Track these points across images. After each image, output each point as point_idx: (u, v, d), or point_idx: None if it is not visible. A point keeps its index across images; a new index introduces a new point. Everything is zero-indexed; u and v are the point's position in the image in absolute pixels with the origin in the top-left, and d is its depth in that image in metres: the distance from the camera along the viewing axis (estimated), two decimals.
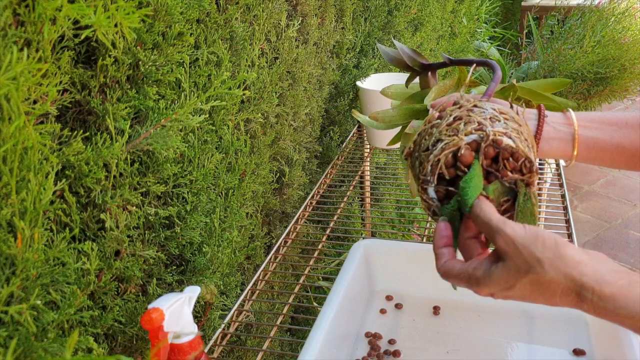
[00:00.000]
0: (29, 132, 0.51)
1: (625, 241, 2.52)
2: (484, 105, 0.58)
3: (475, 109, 0.57)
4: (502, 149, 0.53)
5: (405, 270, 0.95)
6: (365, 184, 1.62)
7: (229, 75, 0.82)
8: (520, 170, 0.54)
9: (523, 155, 0.53)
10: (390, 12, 1.81)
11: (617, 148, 0.62)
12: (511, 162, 0.54)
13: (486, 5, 3.37)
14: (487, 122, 0.55)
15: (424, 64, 0.77)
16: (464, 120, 0.55)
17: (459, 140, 0.53)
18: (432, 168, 0.54)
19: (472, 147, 0.54)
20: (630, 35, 2.55)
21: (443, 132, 0.55)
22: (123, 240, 0.71)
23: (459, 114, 0.56)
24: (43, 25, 0.53)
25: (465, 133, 0.54)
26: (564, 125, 0.63)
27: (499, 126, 0.54)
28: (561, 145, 0.63)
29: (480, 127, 0.54)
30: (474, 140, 0.54)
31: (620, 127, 0.62)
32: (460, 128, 0.54)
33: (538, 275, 0.48)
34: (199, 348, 0.65)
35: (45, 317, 0.56)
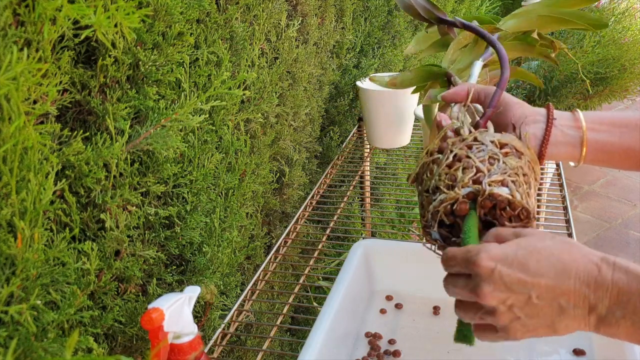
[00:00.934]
0: (29, 132, 0.51)
1: (625, 241, 2.52)
2: (484, 139, 0.58)
3: (475, 145, 0.58)
4: (498, 202, 0.54)
5: (405, 270, 0.95)
6: (365, 184, 1.62)
7: (229, 75, 0.82)
8: (517, 217, 0.55)
9: (519, 206, 0.54)
10: (390, 12, 1.81)
11: (625, 150, 0.61)
12: (508, 211, 0.55)
13: (486, 5, 3.37)
14: (485, 166, 0.56)
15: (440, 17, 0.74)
16: (463, 165, 0.57)
17: (456, 195, 0.55)
18: (433, 216, 0.57)
19: (469, 198, 0.55)
20: (630, 35, 2.55)
21: (442, 176, 0.57)
22: (123, 240, 0.71)
23: (458, 153, 0.57)
24: (43, 25, 0.53)
25: (462, 185, 0.55)
26: (572, 129, 0.62)
27: (496, 172, 0.55)
28: (569, 149, 0.62)
29: (477, 178, 0.55)
30: (471, 192, 0.55)
31: (630, 129, 0.61)
32: (459, 176, 0.56)
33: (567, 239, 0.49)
34: (199, 348, 0.65)
35: (45, 317, 0.56)
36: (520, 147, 0.59)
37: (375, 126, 1.50)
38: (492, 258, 0.48)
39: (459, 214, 0.55)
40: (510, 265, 0.48)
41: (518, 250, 0.49)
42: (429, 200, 0.58)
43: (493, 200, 0.54)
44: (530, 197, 0.56)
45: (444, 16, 0.75)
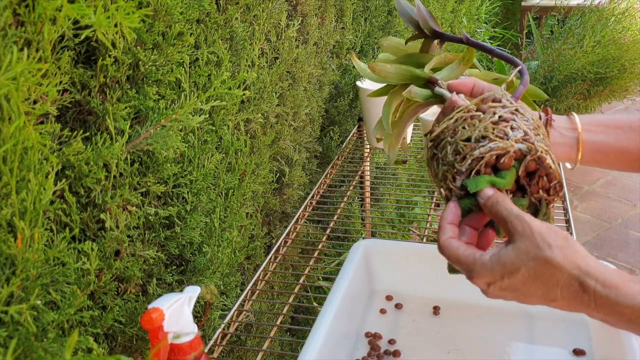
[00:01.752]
0: (29, 132, 0.51)
1: (625, 241, 2.52)
2: (526, 113, 0.57)
3: (518, 114, 0.57)
4: (543, 167, 0.54)
5: (405, 270, 0.95)
6: (365, 184, 1.62)
7: (229, 75, 0.82)
8: (547, 190, 0.55)
9: (557, 178, 0.54)
10: (390, 12, 1.81)
11: (620, 151, 0.63)
12: (544, 181, 0.55)
13: (486, 5, 3.38)
14: (532, 134, 0.55)
15: (436, 30, 0.74)
16: (511, 125, 0.55)
17: (510, 146, 0.54)
18: (472, 163, 0.55)
19: (517, 155, 0.54)
20: (630, 35, 2.55)
21: (489, 129, 0.55)
22: (123, 240, 0.71)
23: (504, 115, 0.56)
24: (43, 25, 0.53)
25: (515, 140, 0.54)
26: (569, 130, 0.64)
27: (541, 142, 0.55)
28: (566, 150, 0.64)
29: (528, 139, 0.54)
30: (520, 150, 0.54)
31: (625, 131, 0.63)
32: (509, 132, 0.55)
33: (546, 259, 0.49)
34: (199, 348, 0.65)
35: (45, 317, 0.56)
36: (545, 134, 0.58)
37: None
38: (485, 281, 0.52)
39: (502, 167, 0.54)
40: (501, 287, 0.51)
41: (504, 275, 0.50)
42: (471, 146, 0.55)
43: (539, 163, 0.54)
44: None
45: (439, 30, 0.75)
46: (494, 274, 0.51)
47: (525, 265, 0.49)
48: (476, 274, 0.52)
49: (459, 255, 0.53)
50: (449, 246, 0.54)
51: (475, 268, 0.51)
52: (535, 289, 0.50)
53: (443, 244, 0.54)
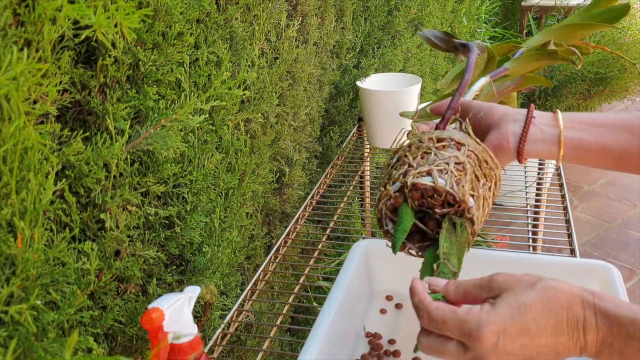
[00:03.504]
0: (29, 132, 0.51)
1: (625, 241, 2.52)
2: (424, 137, 0.63)
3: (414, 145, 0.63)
4: (422, 190, 0.59)
5: (405, 270, 0.94)
6: (365, 184, 1.62)
7: (229, 75, 0.82)
8: (448, 203, 0.59)
9: (443, 191, 0.58)
10: (390, 12, 1.81)
11: (602, 149, 0.62)
12: (437, 198, 0.59)
13: (486, 5, 3.38)
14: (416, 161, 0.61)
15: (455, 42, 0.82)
16: (399, 163, 0.63)
17: (387, 191, 0.61)
18: (380, 212, 0.63)
19: (401, 191, 0.60)
20: (630, 35, 2.55)
21: (385, 176, 0.64)
22: (123, 240, 0.71)
23: (399, 154, 0.64)
24: (43, 25, 0.53)
25: (393, 181, 0.61)
26: (551, 127, 0.64)
27: (424, 164, 0.60)
28: (547, 147, 0.64)
29: (406, 171, 0.60)
30: (400, 186, 0.60)
31: (608, 129, 0.62)
32: (393, 174, 0.62)
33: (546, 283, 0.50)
34: (199, 348, 0.65)
35: (45, 317, 0.56)
36: (461, 139, 0.63)
37: (375, 126, 1.50)
38: (494, 332, 0.50)
39: (395, 206, 0.61)
40: (511, 334, 0.50)
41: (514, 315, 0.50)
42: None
43: (417, 189, 0.59)
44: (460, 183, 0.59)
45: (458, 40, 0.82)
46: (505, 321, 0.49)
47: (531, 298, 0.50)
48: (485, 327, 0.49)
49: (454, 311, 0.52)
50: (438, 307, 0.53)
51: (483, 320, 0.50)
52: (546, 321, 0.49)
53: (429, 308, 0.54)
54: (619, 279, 0.83)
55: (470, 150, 0.61)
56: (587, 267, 0.86)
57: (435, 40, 0.83)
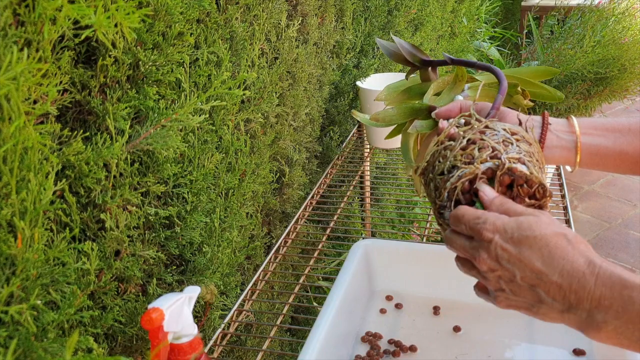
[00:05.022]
0: (29, 132, 0.51)
1: (625, 241, 2.52)
2: (496, 126, 0.58)
3: (487, 130, 0.58)
4: (516, 177, 0.55)
5: (405, 270, 0.95)
6: (365, 184, 1.62)
7: (229, 75, 0.82)
8: (534, 195, 0.56)
9: (537, 182, 0.55)
10: (390, 12, 1.81)
11: (619, 154, 0.63)
12: (525, 189, 0.55)
13: (486, 5, 3.37)
14: (501, 146, 0.56)
15: (424, 59, 0.77)
16: (478, 145, 0.56)
17: (475, 169, 0.55)
18: (449, 194, 0.56)
19: (487, 175, 0.55)
20: (630, 35, 2.55)
21: (458, 157, 0.56)
22: (123, 240, 0.71)
23: (472, 137, 0.57)
24: (43, 25, 0.52)
25: (480, 161, 0.55)
26: (567, 133, 0.64)
27: (512, 151, 0.55)
28: (564, 153, 0.64)
29: (495, 154, 0.55)
30: (489, 168, 0.55)
31: (624, 134, 0.63)
32: (475, 154, 0.55)
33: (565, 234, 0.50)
34: (199, 348, 0.65)
35: (45, 317, 0.56)
36: (529, 138, 0.59)
37: (375, 126, 1.50)
38: (494, 230, 0.51)
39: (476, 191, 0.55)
40: (506, 240, 0.51)
41: (517, 229, 0.51)
42: (444, 179, 0.57)
43: (512, 175, 0.54)
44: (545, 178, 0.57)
45: (427, 58, 0.78)
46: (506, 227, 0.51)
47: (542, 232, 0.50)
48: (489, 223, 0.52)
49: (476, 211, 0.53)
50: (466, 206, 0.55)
51: (491, 218, 0.52)
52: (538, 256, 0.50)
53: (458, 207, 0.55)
54: None
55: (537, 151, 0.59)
56: None
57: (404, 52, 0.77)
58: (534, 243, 0.50)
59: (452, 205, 0.56)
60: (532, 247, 0.50)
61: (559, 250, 0.50)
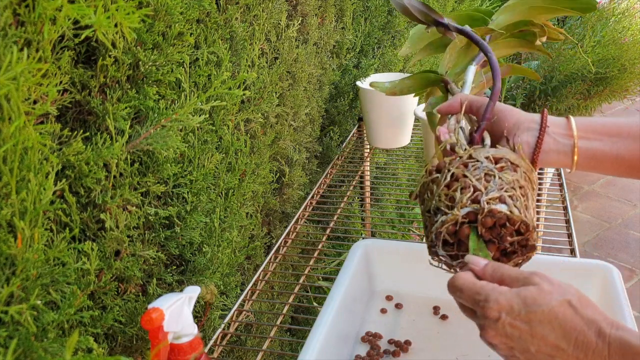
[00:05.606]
0: (29, 132, 0.51)
1: (625, 241, 2.52)
2: (479, 155, 0.60)
3: (470, 162, 0.60)
4: (497, 218, 0.56)
5: (405, 270, 0.95)
6: (365, 184, 1.62)
7: (229, 75, 0.82)
8: (518, 231, 0.57)
9: (518, 220, 0.56)
10: (390, 12, 1.81)
11: (616, 158, 0.63)
12: (508, 227, 0.57)
13: (486, 5, 3.37)
14: (482, 184, 0.57)
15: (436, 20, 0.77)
16: (460, 184, 0.58)
17: (456, 216, 0.57)
18: (436, 237, 0.59)
19: (470, 218, 0.57)
20: (630, 35, 2.55)
21: (442, 197, 0.59)
22: (123, 240, 0.71)
23: (455, 172, 0.59)
24: (43, 25, 0.52)
25: (461, 205, 0.57)
26: (564, 137, 0.64)
27: (493, 189, 0.57)
28: (561, 157, 0.64)
29: (476, 197, 0.57)
30: (471, 212, 0.57)
31: (622, 137, 0.62)
32: (457, 197, 0.58)
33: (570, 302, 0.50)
34: (199, 348, 0.65)
35: (45, 317, 0.56)
36: (515, 160, 0.61)
37: (375, 126, 1.50)
38: (499, 309, 0.51)
39: (461, 237, 0.58)
40: (515, 319, 0.50)
41: (524, 305, 0.50)
42: (431, 221, 0.60)
43: (493, 217, 0.56)
44: (528, 209, 0.58)
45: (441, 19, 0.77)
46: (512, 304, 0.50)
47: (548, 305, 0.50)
48: (492, 301, 0.51)
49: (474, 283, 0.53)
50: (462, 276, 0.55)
51: (493, 295, 0.51)
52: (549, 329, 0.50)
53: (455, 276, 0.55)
54: (619, 279, 0.83)
55: (524, 172, 0.60)
56: (587, 267, 0.86)
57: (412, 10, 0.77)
58: (543, 318, 0.50)
59: (440, 245, 0.59)
60: (543, 322, 0.50)
61: (568, 322, 0.50)
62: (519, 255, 0.60)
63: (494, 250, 0.59)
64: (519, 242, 0.58)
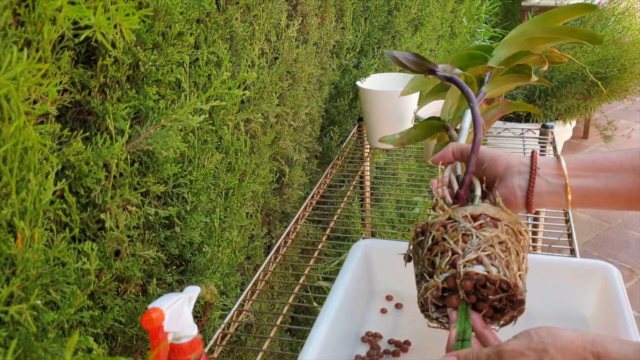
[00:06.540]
0: (29, 132, 0.51)
1: (625, 241, 2.52)
2: (457, 215, 0.62)
3: (449, 224, 0.62)
4: (476, 280, 0.58)
5: (405, 270, 0.94)
6: (365, 184, 1.62)
7: (229, 75, 0.82)
8: (501, 289, 0.59)
9: (497, 279, 0.58)
10: (390, 12, 1.81)
11: (611, 194, 0.62)
12: (489, 287, 0.58)
13: (486, 5, 3.38)
14: (460, 246, 0.59)
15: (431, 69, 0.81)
16: (440, 248, 0.60)
17: (436, 283, 0.59)
18: (425, 302, 0.62)
19: (449, 284, 0.59)
20: (630, 35, 2.55)
21: (425, 262, 0.62)
22: (123, 240, 0.71)
23: (435, 235, 0.62)
24: (43, 25, 0.53)
25: (440, 271, 0.59)
26: (556, 177, 0.64)
27: (470, 250, 0.58)
28: (554, 198, 0.64)
29: (453, 260, 0.59)
30: (450, 277, 0.59)
31: (614, 172, 0.62)
32: (437, 262, 0.60)
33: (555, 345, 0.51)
34: (199, 348, 0.65)
35: (45, 317, 0.56)
36: (495, 214, 0.61)
37: (375, 126, 1.50)
38: None
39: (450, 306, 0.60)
40: None
41: None
42: (419, 287, 0.63)
43: (471, 279, 0.58)
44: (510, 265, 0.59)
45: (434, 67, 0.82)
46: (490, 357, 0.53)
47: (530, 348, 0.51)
48: None
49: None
50: None
51: None
52: None
53: None
54: (619, 279, 0.83)
55: (506, 225, 0.61)
56: (587, 267, 0.86)
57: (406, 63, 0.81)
58: None
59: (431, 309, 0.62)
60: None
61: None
62: (510, 310, 0.61)
63: (485, 309, 0.60)
64: (506, 298, 0.59)
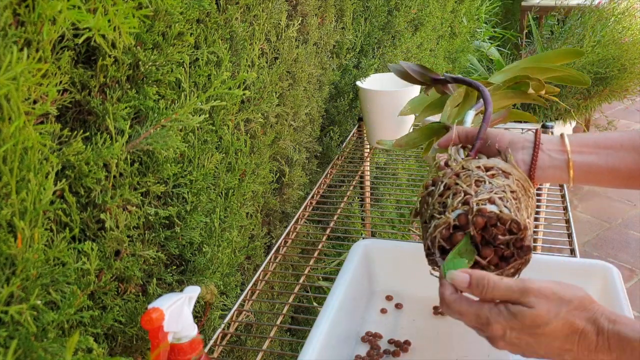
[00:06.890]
0: (29, 132, 0.51)
1: (625, 241, 2.52)
2: (470, 165, 0.62)
3: (462, 172, 0.62)
4: (487, 218, 0.58)
5: (405, 270, 0.95)
6: (365, 184, 1.62)
7: (229, 75, 0.82)
8: (510, 231, 0.59)
9: (508, 219, 0.58)
10: (390, 12, 1.81)
11: (612, 171, 0.64)
12: (500, 227, 0.58)
13: (486, 5, 3.38)
14: (472, 189, 0.59)
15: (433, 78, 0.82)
16: (452, 191, 0.61)
17: (447, 219, 0.59)
18: (432, 243, 0.61)
19: (461, 221, 0.59)
20: (630, 35, 2.55)
21: (435, 205, 0.61)
22: (123, 240, 0.71)
23: (448, 182, 0.62)
24: (43, 25, 0.53)
25: (452, 209, 0.59)
26: (559, 153, 0.66)
27: (483, 192, 0.59)
28: (557, 172, 0.66)
29: (466, 199, 0.59)
30: (461, 214, 0.59)
31: (615, 150, 0.64)
32: (448, 202, 0.60)
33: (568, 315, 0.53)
34: (199, 349, 0.65)
35: (45, 317, 0.56)
36: (507, 169, 0.62)
37: (375, 126, 1.50)
38: (503, 328, 0.54)
39: (455, 243, 0.59)
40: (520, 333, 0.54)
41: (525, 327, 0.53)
42: (426, 229, 0.62)
43: (483, 216, 0.58)
44: (520, 211, 0.59)
45: (437, 76, 0.83)
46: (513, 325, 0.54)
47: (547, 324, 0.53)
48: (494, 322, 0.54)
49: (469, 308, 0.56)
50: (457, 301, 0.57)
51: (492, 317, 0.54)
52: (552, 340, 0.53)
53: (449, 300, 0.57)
54: (619, 279, 0.83)
55: (517, 180, 0.62)
56: (587, 267, 0.86)
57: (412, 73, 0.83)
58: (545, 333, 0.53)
59: (437, 253, 0.61)
60: (546, 336, 0.53)
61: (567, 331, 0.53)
62: (517, 259, 0.60)
63: (492, 255, 0.60)
64: (514, 244, 0.59)
